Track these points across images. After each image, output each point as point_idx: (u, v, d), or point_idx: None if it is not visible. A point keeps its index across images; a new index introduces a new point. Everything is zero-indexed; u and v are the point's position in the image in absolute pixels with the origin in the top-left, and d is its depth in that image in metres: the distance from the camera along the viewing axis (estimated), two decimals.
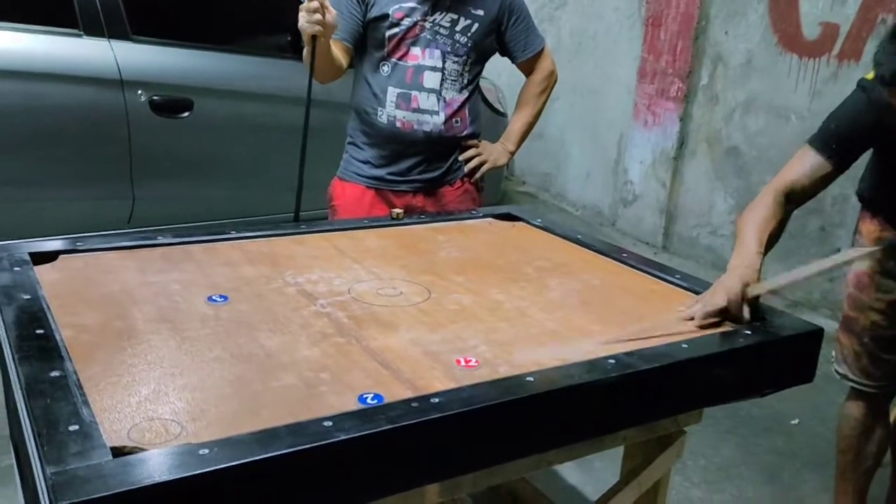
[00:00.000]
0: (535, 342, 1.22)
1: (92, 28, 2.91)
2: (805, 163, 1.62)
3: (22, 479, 1.22)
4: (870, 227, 1.86)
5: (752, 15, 3.78)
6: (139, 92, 2.98)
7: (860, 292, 1.86)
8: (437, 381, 1.07)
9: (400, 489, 0.97)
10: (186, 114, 3.09)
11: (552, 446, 1.10)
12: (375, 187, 2.11)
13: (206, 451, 0.85)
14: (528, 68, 2.24)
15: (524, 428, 1.04)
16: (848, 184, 3.33)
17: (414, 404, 0.98)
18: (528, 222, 1.90)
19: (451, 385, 1.05)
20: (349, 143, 2.21)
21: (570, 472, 2.25)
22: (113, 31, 2.95)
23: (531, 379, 1.06)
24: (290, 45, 3.46)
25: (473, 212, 2.01)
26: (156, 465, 0.82)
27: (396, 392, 1.03)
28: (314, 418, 0.93)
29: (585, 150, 5.04)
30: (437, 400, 0.99)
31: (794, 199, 1.61)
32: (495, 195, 4.53)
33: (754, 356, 1.24)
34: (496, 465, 1.06)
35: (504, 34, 2.13)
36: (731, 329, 1.28)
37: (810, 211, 3.55)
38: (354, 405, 0.98)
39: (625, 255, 1.66)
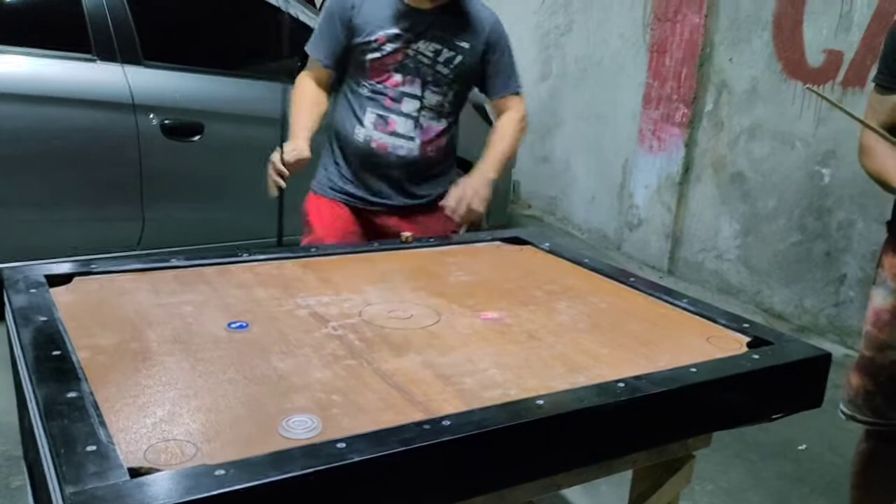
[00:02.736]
0: (545, 365, 1.23)
1: (105, 53, 2.96)
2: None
3: (36, 500, 1.23)
4: (893, 261, 1.76)
5: (757, 42, 3.82)
6: (150, 116, 3.02)
7: (879, 331, 1.77)
8: (448, 404, 1.08)
9: None
10: (197, 137, 3.13)
11: (562, 469, 1.11)
12: (350, 204, 2.12)
13: (222, 472, 0.86)
14: (502, 107, 2.17)
15: (534, 451, 1.05)
16: (854, 209, 3.37)
17: (426, 427, 0.99)
18: (537, 246, 1.92)
19: (463, 408, 1.06)
20: (326, 158, 2.20)
21: (577, 496, 2.24)
22: (126, 57, 3.00)
23: (541, 402, 1.07)
24: (299, 69, 3.50)
25: (482, 235, 2.02)
26: (173, 486, 0.83)
27: (409, 415, 1.04)
28: (328, 440, 0.94)
29: (591, 175, 5.06)
30: (448, 423, 1.00)
31: None
32: (501, 218, 4.56)
33: (763, 381, 1.24)
34: (507, 487, 1.06)
35: (486, 69, 2.11)
36: (739, 353, 1.29)
37: (816, 236, 3.56)
38: (369, 428, 0.99)
39: (632, 279, 1.68)
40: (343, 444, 0.93)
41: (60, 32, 2.98)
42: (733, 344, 1.36)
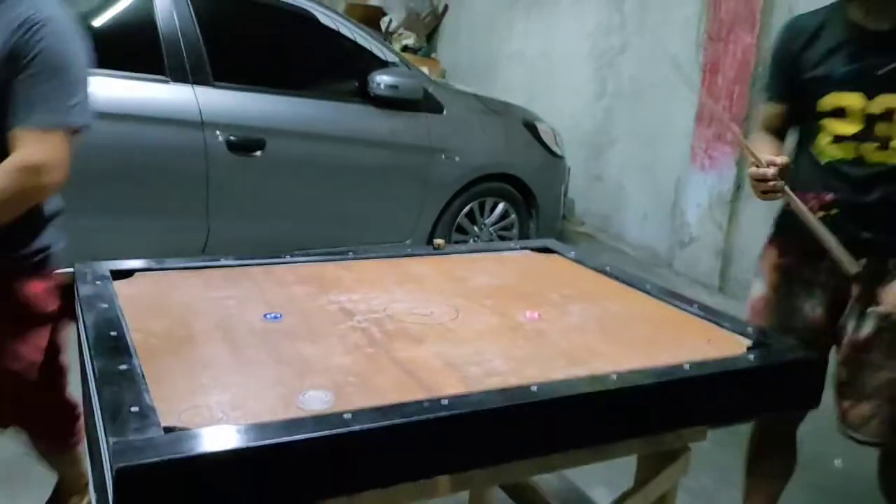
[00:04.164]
0: (547, 359, 1.33)
1: (178, 75, 3.21)
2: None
3: (91, 454, 1.40)
4: (770, 253, 1.96)
5: None
6: (217, 132, 3.25)
7: (756, 319, 1.90)
8: (451, 388, 1.19)
9: (412, 478, 1.10)
10: (259, 152, 3.34)
11: (554, 451, 1.21)
12: None
13: (241, 431, 1.00)
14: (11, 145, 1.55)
15: (527, 432, 1.15)
16: None
17: (426, 404, 1.11)
18: (563, 255, 2.01)
19: (463, 391, 1.17)
20: None
21: (600, 493, 2.30)
22: (196, 78, 3.24)
23: (535, 388, 1.18)
24: (357, 90, 3.70)
25: (512, 244, 2.13)
26: (197, 441, 0.97)
27: (415, 395, 1.16)
28: (336, 411, 1.07)
29: (643, 193, 5.10)
30: (446, 402, 1.12)
31: None
32: (551, 235, 4.65)
33: (754, 379, 1.31)
34: (501, 463, 1.17)
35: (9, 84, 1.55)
36: (734, 354, 1.37)
37: None
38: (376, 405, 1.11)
39: (648, 286, 1.76)
40: (349, 415, 1.06)
41: (137, 56, 3.23)
42: (733, 346, 1.43)
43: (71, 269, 1.63)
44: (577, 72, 5.64)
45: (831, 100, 1.75)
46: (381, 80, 3.60)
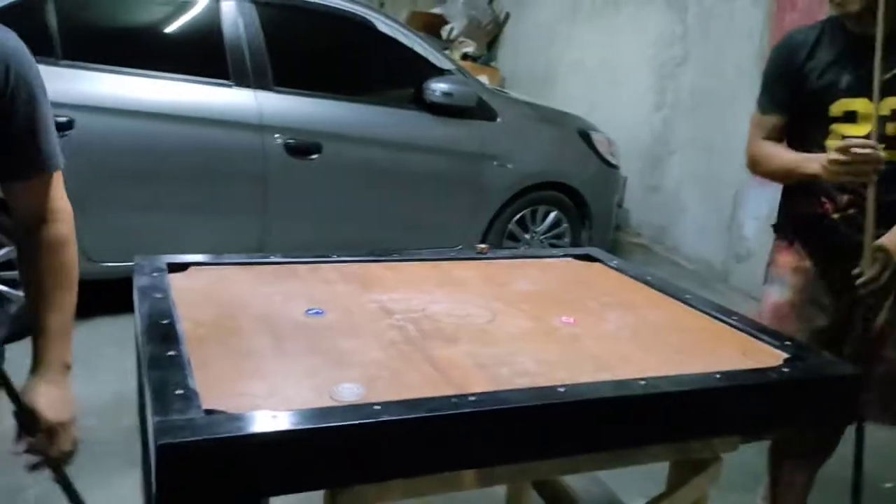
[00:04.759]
0: (578, 362, 1.36)
1: (241, 79, 3.33)
2: None
3: (142, 432, 1.49)
4: (787, 258, 2.02)
5: None
6: (276, 136, 3.36)
7: (779, 324, 1.88)
8: (479, 386, 1.23)
9: (437, 470, 1.14)
10: (315, 156, 3.44)
11: (578, 452, 1.23)
12: None
13: (275, 417, 1.05)
14: (25, 202, 1.27)
15: (552, 431, 1.18)
16: None
17: (454, 399, 1.15)
18: (605, 263, 2.03)
19: (491, 389, 1.21)
20: None
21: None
22: (258, 83, 3.36)
23: (562, 389, 1.20)
24: (413, 97, 3.77)
25: (555, 251, 2.15)
26: (233, 423, 1.03)
27: (444, 391, 1.20)
28: (367, 402, 1.12)
29: (701, 205, 5.03)
30: (473, 398, 1.15)
31: None
32: (603, 245, 4.63)
33: (786, 393, 1.31)
34: (525, 461, 1.20)
35: None
36: (767, 366, 1.36)
37: None
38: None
39: (688, 296, 1.76)
40: (378, 407, 1.10)
41: (203, 61, 3.38)
42: (769, 358, 1.42)
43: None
44: (638, 82, 5.61)
45: (841, 106, 1.85)
46: (437, 88, 3.67)
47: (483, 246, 2.06)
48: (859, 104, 1.82)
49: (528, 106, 4.35)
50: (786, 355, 1.43)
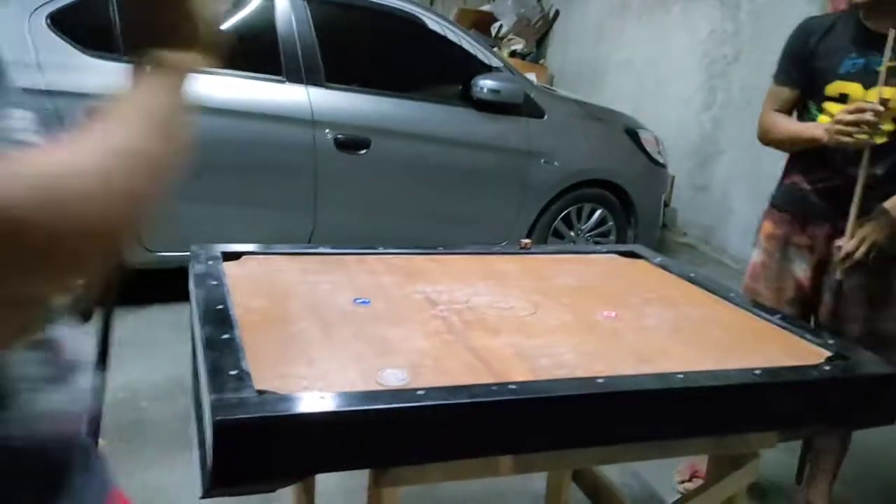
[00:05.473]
0: (617, 355, 1.38)
1: (293, 75, 3.41)
2: None
3: (196, 410, 1.56)
4: (765, 225, 2.30)
5: None
6: (326, 131, 3.43)
7: (751, 281, 2.29)
8: (520, 375, 1.26)
9: (476, 454, 1.18)
10: (363, 151, 3.51)
11: (615, 442, 1.25)
12: None
13: (323, 398, 1.10)
14: None
15: (589, 421, 1.21)
16: None
17: (494, 387, 1.18)
18: (649, 260, 2.04)
19: (531, 378, 1.24)
20: None
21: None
22: (310, 79, 3.44)
23: (601, 380, 1.23)
24: (461, 93, 3.81)
25: (599, 248, 2.17)
26: (284, 403, 1.08)
27: (484, 380, 1.24)
28: (411, 388, 1.16)
29: (749, 205, 4.96)
30: (513, 386, 1.19)
31: None
32: (650, 244, 4.60)
33: (828, 390, 1.31)
34: (562, 449, 1.23)
35: None
36: (809, 364, 1.37)
37: None
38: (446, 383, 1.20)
39: (732, 294, 1.76)
40: (422, 392, 1.15)
41: (257, 57, 3.47)
42: (811, 356, 1.43)
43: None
44: (687, 80, 5.55)
45: (836, 87, 2.09)
46: (484, 85, 3.70)
47: (526, 241, 2.09)
48: (852, 88, 2.05)
49: (575, 103, 4.35)
50: (828, 353, 1.44)
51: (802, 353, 1.44)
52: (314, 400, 1.10)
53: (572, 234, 4.15)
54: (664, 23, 5.93)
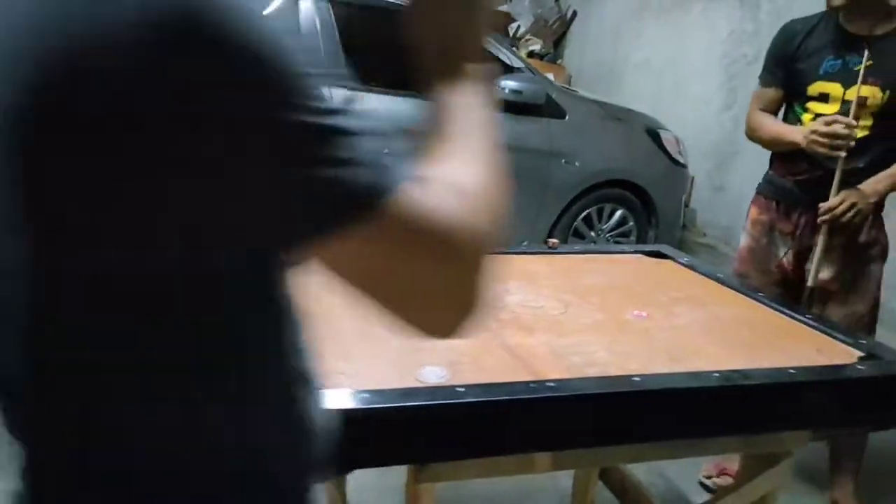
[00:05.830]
0: (649, 354, 1.39)
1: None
2: None
3: None
4: (752, 211, 2.44)
5: None
6: None
7: (739, 265, 2.44)
8: (555, 373, 1.28)
9: (513, 451, 1.20)
10: None
11: (650, 440, 1.27)
12: None
13: (366, 395, 1.13)
14: None
15: (625, 419, 1.23)
16: None
17: (532, 385, 1.20)
18: (675, 260, 2.05)
19: (567, 377, 1.26)
20: None
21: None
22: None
23: (636, 379, 1.25)
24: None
25: (625, 247, 2.19)
26: (332, 399, 1.10)
27: (521, 377, 1.26)
28: (450, 384, 1.19)
29: None
30: (552, 384, 1.21)
31: None
32: (669, 243, 4.60)
33: (861, 389, 1.32)
34: (598, 446, 1.25)
35: None
36: (841, 363, 1.38)
37: None
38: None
39: (760, 294, 1.77)
40: (462, 389, 1.17)
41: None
42: (844, 356, 1.44)
43: None
44: (706, 81, 5.54)
45: (817, 87, 2.20)
46: (506, 85, 3.71)
47: (554, 241, 2.11)
48: (832, 87, 2.17)
49: (596, 104, 4.36)
50: (860, 353, 1.44)
51: (833, 352, 1.45)
52: (359, 396, 1.12)
53: (593, 234, 4.15)
54: (683, 23, 5.92)
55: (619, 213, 4.18)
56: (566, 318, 1.56)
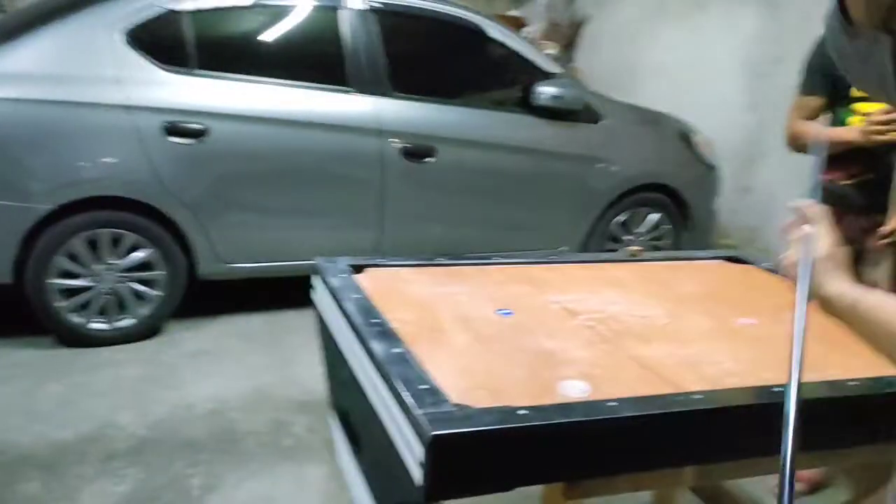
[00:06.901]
0: (777, 363, 1.39)
1: (360, 86, 3.44)
2: None
3: (349, 435, 1.57)
4: None
5: None
6: (392, 140, 3.45)
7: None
8: (693, 384, 1.27)
9: (663, 465, 1.19)
10: (429, 159, 3.52)
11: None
12: None
13: (525, 412, 1.12)
14: None
15: (771, 430, 1.22)
16: None
17: (680, 397, 1.20)
18: (755, 265, 2.05)
19: (708, 388, 1.25)
20: None
21: None
22: (376, 89, 3.46)
23: (777, 389, 1.24)
24: (520, 100, 3.82)
25: (701, 252, 2.18)
26: (490, 417, 1.09)
27: (662, 389, 1.25)
28: (599, 399, 1.18)
29: None
30: (699, 397, 1.20)
31: None
32: (703, 246, 4.61)
33: None
34: (744, 458, 1.24)
35: None
36: None
37: None
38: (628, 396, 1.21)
39: None
40: (615, 403, 1.16)
41: (324, 69, 3.49)
42: None
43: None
44: (727, 82, 5.55)
45: None
46: (545, 91, 3.71)
47: (636, 248, 2.10)
48: None
49: (629, 108, 4.36)
50: None
51: None
52: (515, 415, 1.11)
53: (628, 238, 4.15)
54: (702, 25, 5.93)
55: (654, 216, 4.18)
56: (676, 327, 1.56)
